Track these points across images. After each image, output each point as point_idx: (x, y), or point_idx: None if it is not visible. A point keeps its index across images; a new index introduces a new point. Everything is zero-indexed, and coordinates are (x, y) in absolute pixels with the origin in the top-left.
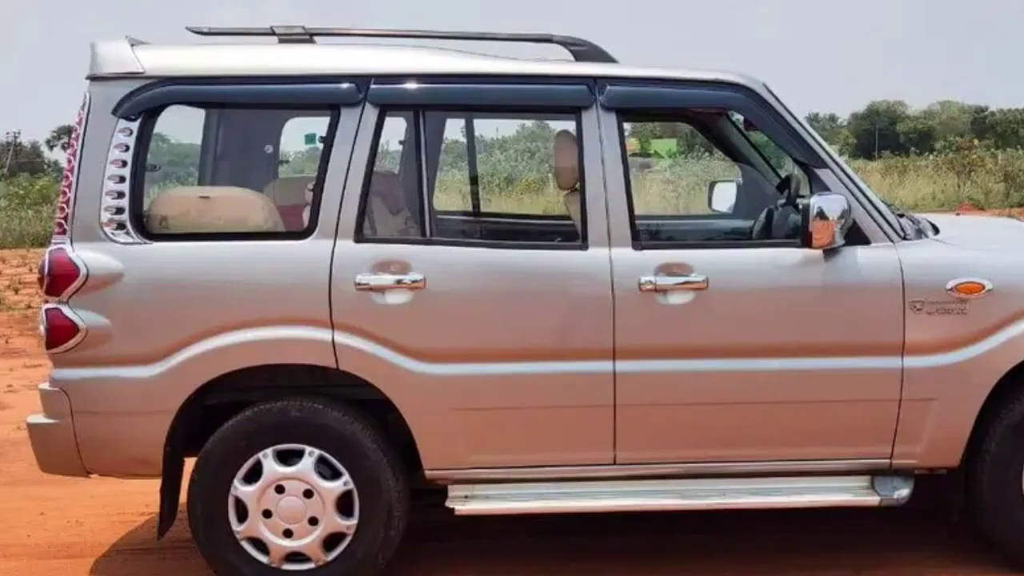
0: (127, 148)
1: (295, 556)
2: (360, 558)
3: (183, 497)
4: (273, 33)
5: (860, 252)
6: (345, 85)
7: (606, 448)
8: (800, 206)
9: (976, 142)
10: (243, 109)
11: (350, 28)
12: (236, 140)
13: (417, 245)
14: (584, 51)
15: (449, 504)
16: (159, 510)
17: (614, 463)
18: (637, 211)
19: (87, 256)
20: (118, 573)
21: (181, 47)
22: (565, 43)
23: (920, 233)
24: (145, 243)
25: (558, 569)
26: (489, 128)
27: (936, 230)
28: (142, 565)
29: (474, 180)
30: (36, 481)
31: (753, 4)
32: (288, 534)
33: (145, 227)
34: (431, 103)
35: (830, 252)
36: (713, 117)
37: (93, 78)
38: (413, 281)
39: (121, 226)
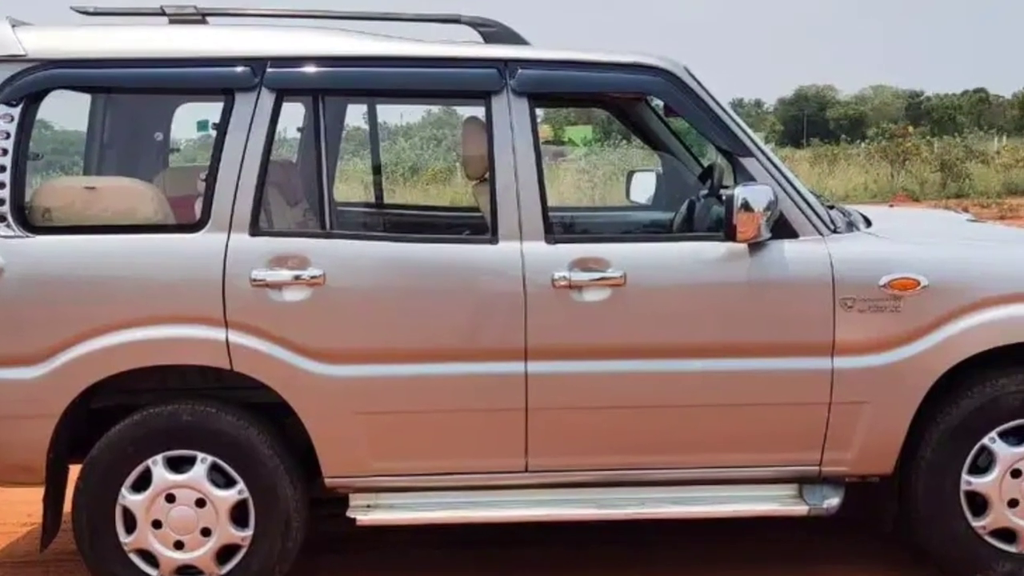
0: (7, 135)
1: (186, 569)
2: (256, 571)
3: (68, 506)
4: (163, 13)
5: (787, 246)
6: (239, 68)
7: (517, 454)
8: (723, 197)
9: (911, 129)
10: (131, 94)
11: (245, 8)
12: (124, 127)
13: (316, 239)
14: (494, 32)
15: (350, 514)
16: (42, 520)
17: (526, 470)
18: (550, 202)
19: None
20: None
21: (66, 28)
22: (474, 24)
23: (851, 226)
24: (27, 236)
25: None
26: (393, 114)
27: (868, 223)
28: None
29: (377, 169)
30: None
31: None
32: (179, 546)
33: (27, 220)
34: (331, 87)
35: (755, 246)
36: (631, 103)
37: None
38: (312, 277)
39: (1, 219)
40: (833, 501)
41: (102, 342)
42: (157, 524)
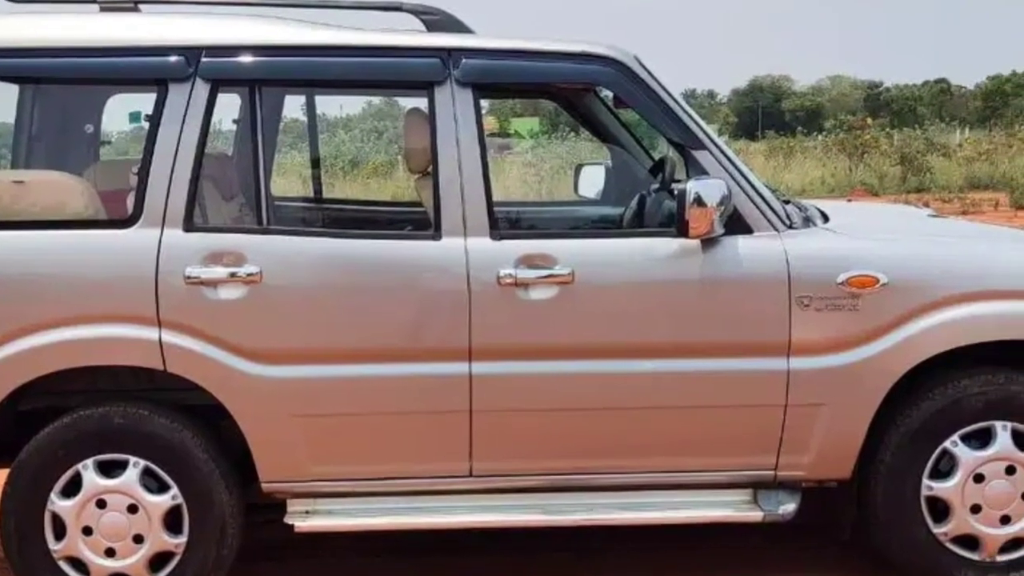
0: None
1: None
2: None
3: None
4: (95, 1)
5: (741, 242)
6: (173, 58)
7: (461, 458)
8: (675, 192)
9: (869, 121)
10: (60, 85)
11: None
12: (53, 119)
13: (253, 235)
14: (437, 21)
15: (288, 520)
16: None
17: (470, 475)
18: (496, 197)
19: None
20: None
21: None
22: (416, 12)
23: (808, 221)
24: None
25: None
26: (332, 105)
27: (825, 218)
28: None
29: (316, 163)
30: None
31: None
32: (111, 553)
33: None
34: (268, 78)
35: (708, 242)
36: (579, 93)
37: None
38: (248, 274)
39: None
40: (789, 507)
41: (30, 342)
42: (87, 531)
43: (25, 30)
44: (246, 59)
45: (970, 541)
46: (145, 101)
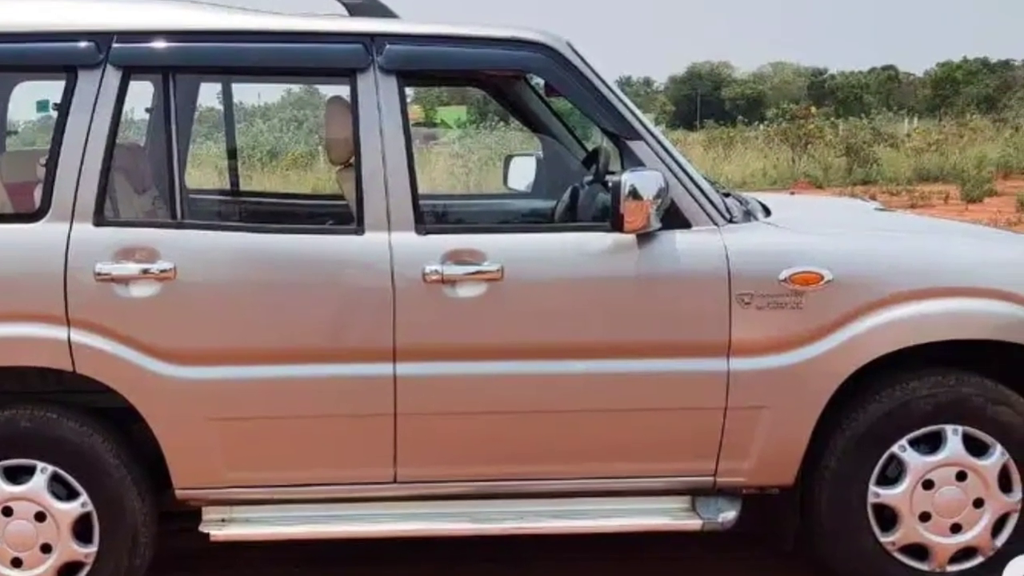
0: None
1: None
2: None
3: None
4: None
5: (679, 237)
6: (82, 44)
7: (385, 464)
8: (609, 184)
9: (813, 110)
10: None
11: None
12: None
13: (166, 229)
14: (360, 5)
15: (203, 529)
16: None
17: (395, 481)
18: (421, 190)
19: None
20: None
21: None
22: None
23: (749, 215)
24: None
25: None
26: (250, 94)
27: (767, 212)
28: None
29: (232, 154)
30: None
31: None
32: (17, 563)
33: None
34: (182, 64)
35: (644, 237)
36: (509, 81)
37: None
38: (161, 271)
39: None
40: (729, 515)
41: None
42: None
43: None
44: (159, 45)
45: (919, 551)
46: (53, 89)
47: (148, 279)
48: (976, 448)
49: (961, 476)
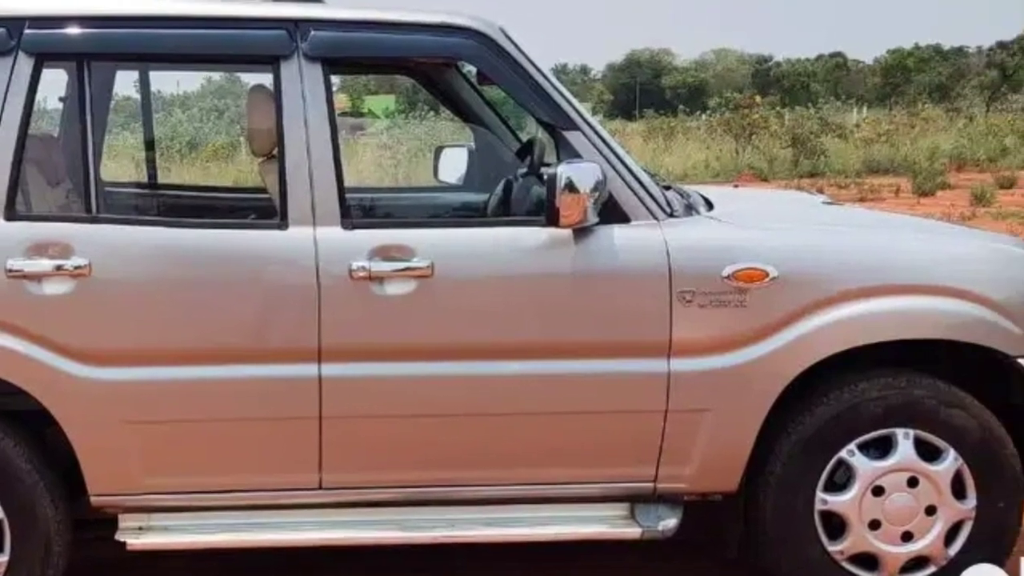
0: None
1: None
2: None
3: None
4: None
5: (617, 232)
6: None
7: (310, 470)
8: (545, 176)
9: (758, 99)
10: None
11: None
12: None
13: (81, 224)
14: None
15: (120, 537)
16: None
17: (320, 488)
18: (348, 183)
19: None
20: None
21: None
22: None
23: (690, 209)
24: None
25: None
26: (168, 82)
27: (710, 205)
28: None
29: (150, 145)
30: None
31: None
32: None
33: None
34: (98, 51)
35: (581, 232)
36: (439, 69)
37: None
38: (76, 267)
39: None
40: (670, 522)
41: None
42: None
43: None
44: (73, 31)
45: (869, 560)
46: None
47: (62, 276)
48: (928, 453)
49: (912, 482)
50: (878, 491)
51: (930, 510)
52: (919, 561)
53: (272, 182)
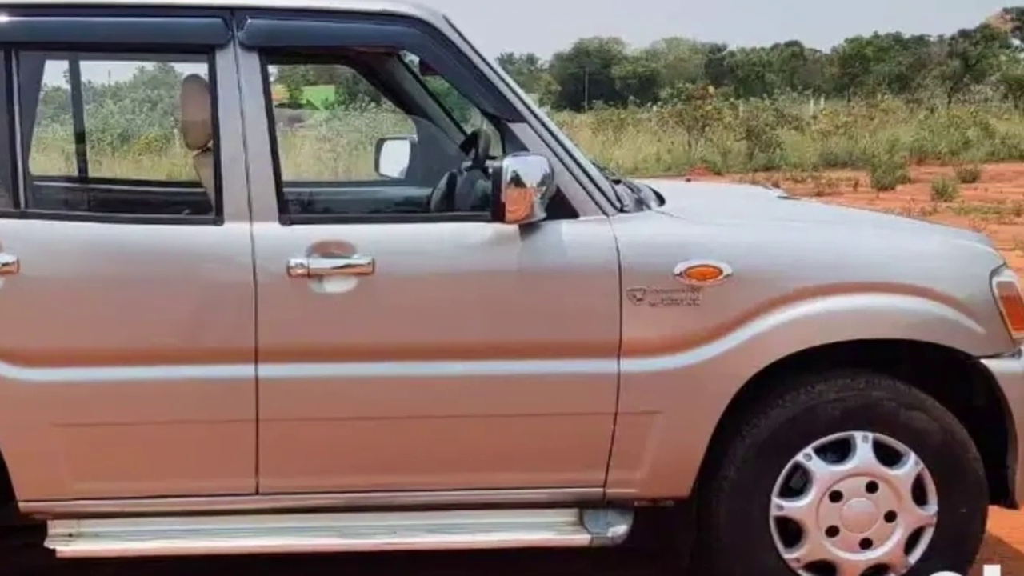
0: None
1: None
2: None
3: None
4: None
5: (565, 228)
6: None
7: (246, 474)
8: (490, 170)
9: (711, 90)
10: None
11: None
12: None
13: (8, 219)
14: None
15: (49, 544)
16: None
17: (256, 493)
18: (286, 177)
19: None
20: None
21: None
22: None
23: (641, 204)
24: None
25: None
26: (100, 72)
27: (661, 200)
28: None
29: (80, 137)
30: None
31: None
32: None
33: None
34: (25, 40)
35: (527, 227)
36: (381, 58)
37: None
38: (3, 264)
39: None
40: (619, 529)
41: None
42: None
43: None
44: (1, 19)
45: (826, 568)
46: None
47: None
48: (888, 457)
49: (872, 487)
50: (836, 496)
51: (890, 516)
52: (879, 569)
53: (207, 176)
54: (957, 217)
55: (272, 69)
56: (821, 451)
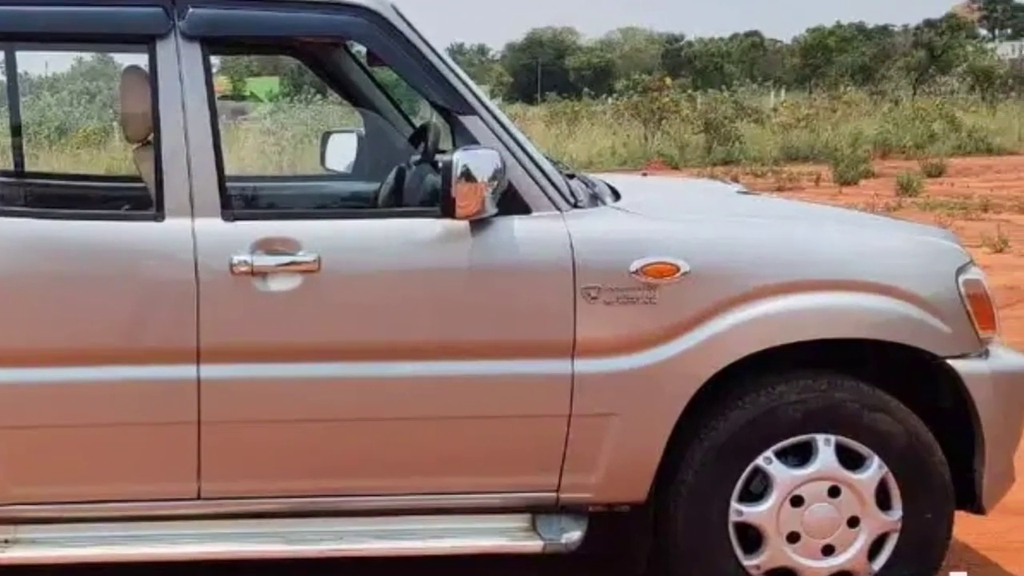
0: None
1: None
2: None
3: None
4: None
5: (518, 224)
6: None
7: (188, 478)
8: (440, 164)
9: (668, 81)
10: None
11: None
12: None
13: None
14: None
15: None
16: None
17: (199, 498)
18: (229, 171)
19: None
20: None
21: None
22: None
23: (596, 199)
24: None
25: None
26: (36, 63)
27: (617, 195)
28: None
29: (16, 130)
30: None
31: None
32: None
33: None
34: None
35: (478, 224)
36: (327, 49)
37: None
38: None
39: None
40: (573, 535)
41: None
42: None
43: None
44: None
45: (787, 575)
46: None
47: None
48: (851, 460)
49: (834, 492)
50: (797, 501)
51: (853, 522)
52: None
53: (147, 170)
54: (922, 213)
55: (215, 60)
56: (782, 454)
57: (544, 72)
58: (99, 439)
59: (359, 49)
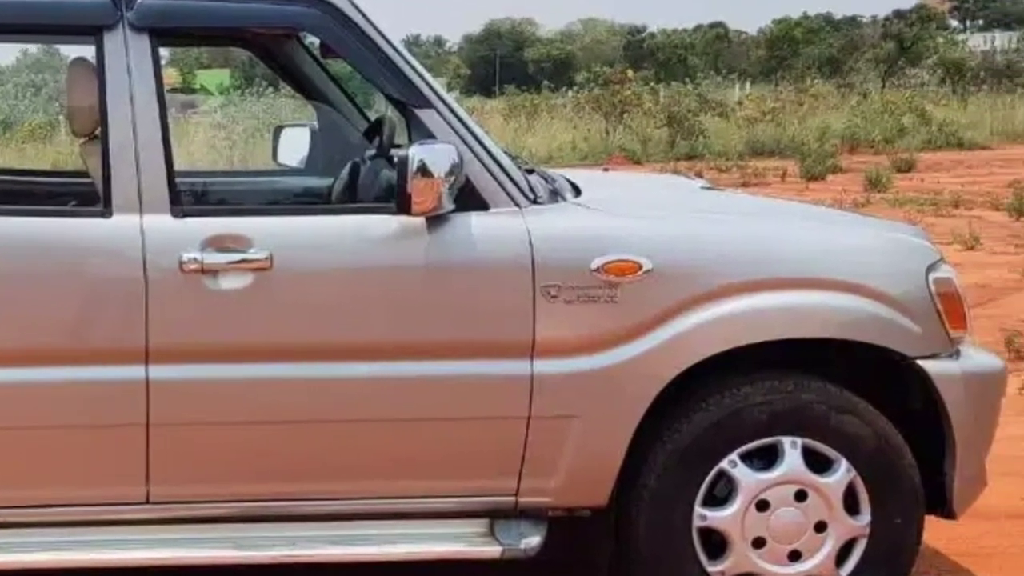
0: None
1: None
2: None
3: None
4: None
5: (475, 220)
6: None
7: (136, 482)
8: (395, 159)
9: (630, 74)
10: None
11: None
12: None
13: None
14: None
15: None
16: None
17: (147, 502)
18: (178, 166)
19: None
20: None
21: None
22: None
23: (556, 195)
24: None
25: None
26: None
27: (577, 191)
28: None
29: None
30: None
31: None
32: None
33: None
34: None
35: (435, 220)
36: (279, 40)
37: None
38: None
39: None
40: (533, 540)
41: None
42: None
43: None
44: None
45: None
46: None
47: None
48: (818, 463)
49: (800, 496)
50: (762, 506)
51: (820, 527)
52: None
53: (94, 165)
54: (892, 209)
55: (164, 52)
56: (747, 457)
57: (502, 64)
58: (45, 442)
59: (312, 40)
